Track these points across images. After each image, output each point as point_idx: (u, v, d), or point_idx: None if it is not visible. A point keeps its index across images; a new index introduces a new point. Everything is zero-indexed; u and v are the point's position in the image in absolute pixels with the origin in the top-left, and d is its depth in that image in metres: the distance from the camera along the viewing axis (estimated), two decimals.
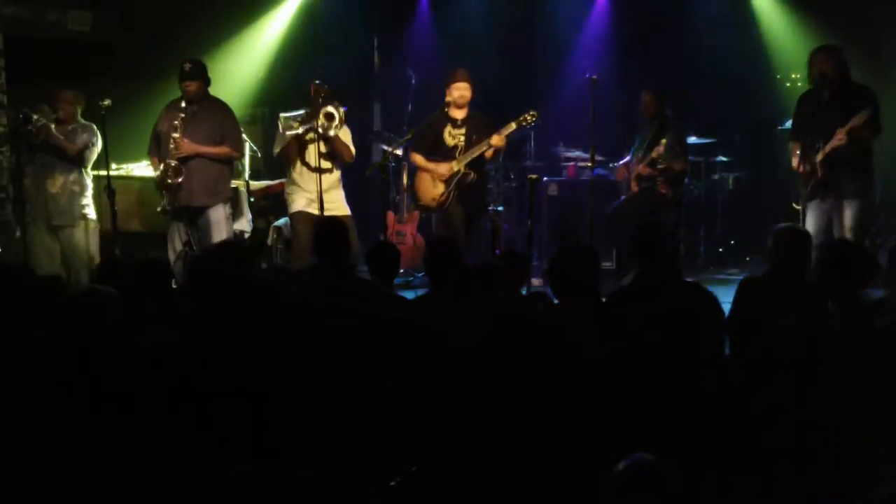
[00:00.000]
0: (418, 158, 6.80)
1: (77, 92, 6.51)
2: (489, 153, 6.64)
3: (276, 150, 6.64)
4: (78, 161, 6.40)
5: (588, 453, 2.65)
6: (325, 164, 6.47)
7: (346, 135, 6.57)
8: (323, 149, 6.41)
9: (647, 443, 2.39)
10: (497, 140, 6.50)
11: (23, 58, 7.20)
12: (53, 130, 6.31)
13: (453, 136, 6.70)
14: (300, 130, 6.42)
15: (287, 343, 3.21)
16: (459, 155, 6.64)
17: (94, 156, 6.41)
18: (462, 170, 6.62)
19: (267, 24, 8.95)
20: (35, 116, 6.22)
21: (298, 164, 6.53)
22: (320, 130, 6.32)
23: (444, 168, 6.64)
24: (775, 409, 2.83)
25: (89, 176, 6.50)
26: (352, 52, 9.00)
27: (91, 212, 6.50)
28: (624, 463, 2.20)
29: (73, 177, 6.41)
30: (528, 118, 6.50)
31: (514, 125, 6.51)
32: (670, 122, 7.17)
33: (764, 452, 2.72)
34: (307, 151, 6.48)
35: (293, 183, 6.57)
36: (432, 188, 6.68)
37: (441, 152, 6.69)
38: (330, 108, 6.34)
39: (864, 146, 5.91)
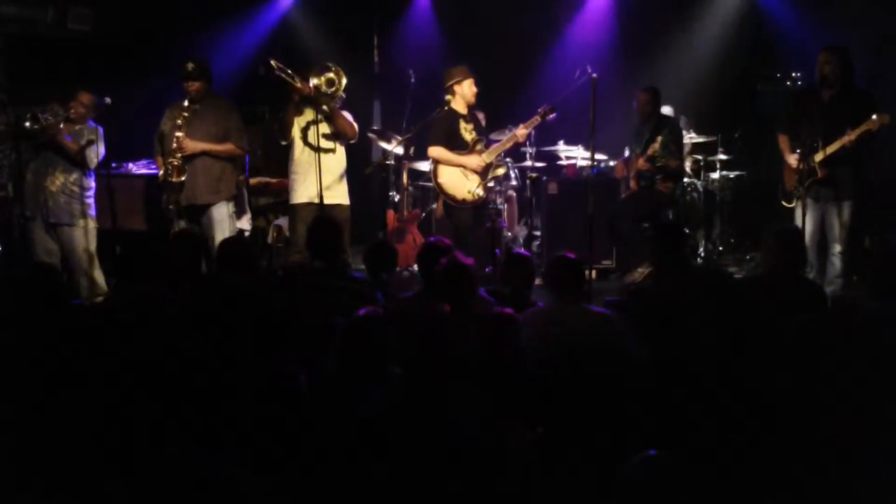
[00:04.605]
0: (444, 153, 6.63)
1: (95, 98, 6.37)
2: (508, 146, 6.80)
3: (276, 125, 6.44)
4: (79, 162, 6.34)
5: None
6: (328, 145, 6.34)
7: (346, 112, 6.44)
8: (326, 129, 6.31)
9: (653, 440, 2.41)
10: (522, 133, 6.69)
11: (23, 57, 7.20)
12: (61, 128, 6.27)
13: (468, 131, 6.73)
14: (297, 83, 6.16)
15: None
16: (476, 148, 6.68)
17: (96, 159, 6.32)
18: (493, 162, 6.72)
19: (267, 22, 8.97)
20: (42, 116, 6.18)
21: (300, 144, 6.35)
22: (321, 91, 6.12)
23: (475, 161, 6.63)
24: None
25: (92, 176, 6.44)
26: (352, 51, 9.00)
27: (91, 212, 6.44)
28: (636, 459, 2.21)
29: (73, 177, 6.35)
30: (548, 110, 6.65)
31: (538, 118, 6.67)
32: (667, 121, 7.19)
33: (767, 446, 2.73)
34: (309, 132, 6.29)
35: (296, 169, 6.39)
36: (465, 182, 6.63)
37: (458, 147, 6.67)
38: (330, 74, 6.18)
39: (865, 146, 5.90)
